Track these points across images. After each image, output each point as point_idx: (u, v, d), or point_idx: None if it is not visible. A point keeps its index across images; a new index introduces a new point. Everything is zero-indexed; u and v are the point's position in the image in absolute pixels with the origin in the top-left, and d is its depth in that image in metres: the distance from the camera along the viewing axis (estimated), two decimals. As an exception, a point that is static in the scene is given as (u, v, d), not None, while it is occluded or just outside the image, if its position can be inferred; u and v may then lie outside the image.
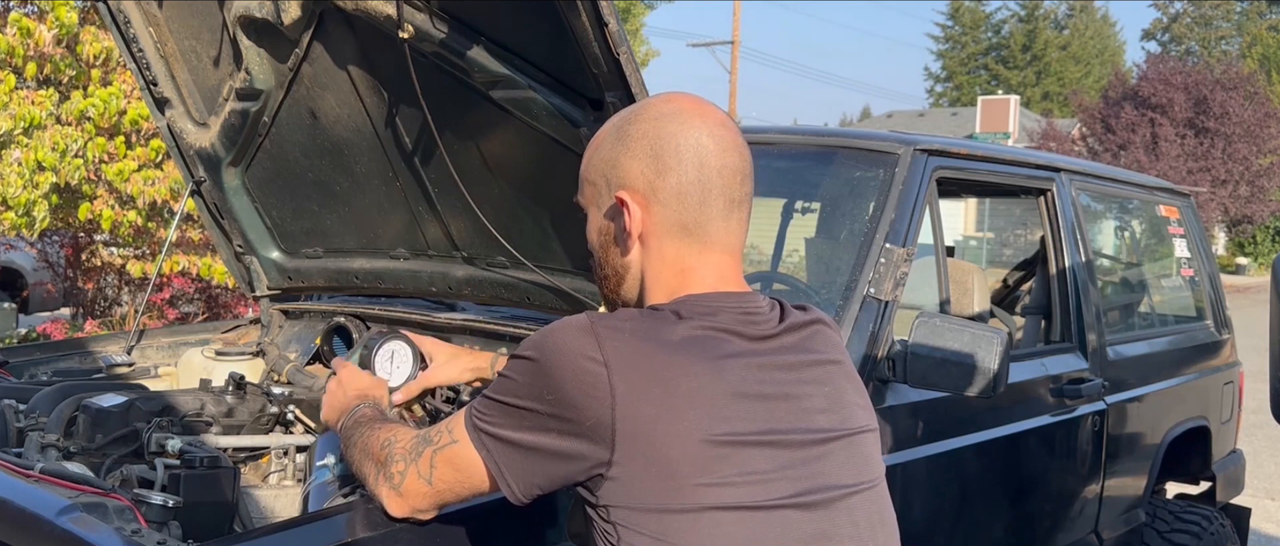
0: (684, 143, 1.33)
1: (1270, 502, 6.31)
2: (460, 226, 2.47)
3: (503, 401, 1.31)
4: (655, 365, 1.25)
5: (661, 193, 1.33)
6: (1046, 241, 3.36)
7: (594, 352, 1.24)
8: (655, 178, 1.33)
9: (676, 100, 1.38)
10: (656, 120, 1.35)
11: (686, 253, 1.36)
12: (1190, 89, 26.39)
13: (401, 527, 1.53)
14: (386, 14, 2.08)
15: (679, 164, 1.33)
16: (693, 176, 1.33)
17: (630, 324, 1.29)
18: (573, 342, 1.26)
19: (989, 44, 53.08)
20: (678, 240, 1.35)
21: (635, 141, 1.35)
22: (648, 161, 1.34)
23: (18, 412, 2.18)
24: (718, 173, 1.34)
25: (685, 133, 1.34)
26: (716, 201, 1.34)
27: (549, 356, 1.26)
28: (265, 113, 2.56)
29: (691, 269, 1.36)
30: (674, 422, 1.23)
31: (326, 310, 2.94)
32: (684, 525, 1.23)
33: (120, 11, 2.59)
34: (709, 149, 1.34)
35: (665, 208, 1.34)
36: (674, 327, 1.29)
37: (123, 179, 5.98)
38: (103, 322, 7.41)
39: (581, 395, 1.24)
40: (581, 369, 1.24)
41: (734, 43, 27.88)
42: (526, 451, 1.29)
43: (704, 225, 1.35)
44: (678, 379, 1.24)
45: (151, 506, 1.62)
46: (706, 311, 1.32)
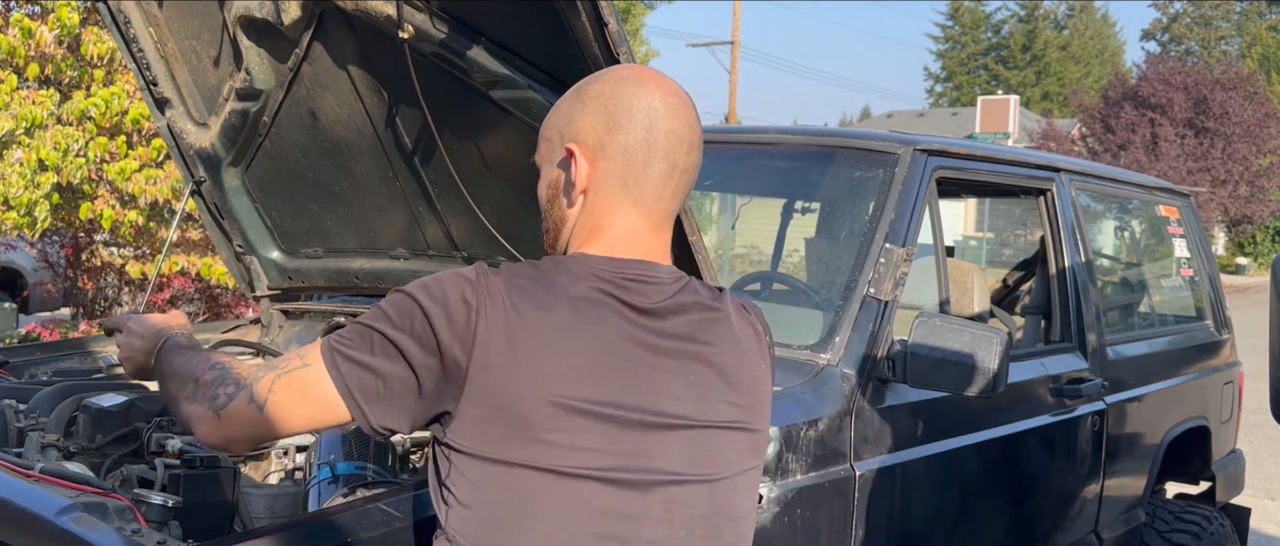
0: (636, 105, 1.37)
1: (1270, 502, 6.31)
2: (460, 226, 2.47)
3: (371, 327, 1.32)
4: (521, 317, 1.29)
5: (609, 148, 1.37)
6: (1046, 241, 3.36)
7: (469, 297, 1.29)
8: (605, 134, 1.37)
9: (637, 69, 1.44)
10: (614, 82, 1.40)
11: (611, 211, 1.39)
12: (1190, 89, 26.39)
13: (402, 527, 1.54)
14: (386, 14, 2.08)
15: (630, 122, 1.37)
16: (640, 136, 1.37)
17: (512, 277, 1.33)
18: (452, 286, 1.30)
19: (989, 44, 53.07)
20: (613, 196, 1.38)
21: (591, 100, 1.39)
22: (600, 118, 1.38)
23: (18, 412, 2.18)
24: (665, 136, 1.37)
25: (639, 95, 1.38)
26: (658, 163, 1.38)
27: (429, 293, 1.30)
28: (265, 113, 2.56)
29: (605, 228, 1.39)
30: (518, 375, 1.27)
31: (326, 310, 2.94)
32: (496, 476, 1.28)
33: (120, 12, 2.59)
34: (660, 113, 1.38)
35: (610, 162, 1.37)
36: (554, 282, 1.34)
37: (124, 178, 5.98)
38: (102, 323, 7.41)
39: (447, 333, 1.27)
40: (454, 309, 1.28)
41: (734, 43, 27.88)
42: (381, 378, 1.30)
43: (643, 185, 1.38)
44: (535, 333, 1.29)
45: (151, 506, 1.62)
46: (594, 273, 1.35)
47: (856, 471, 2.27)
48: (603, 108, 1.38)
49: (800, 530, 2.13)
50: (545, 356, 1.28)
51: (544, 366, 1.28)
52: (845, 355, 2.33)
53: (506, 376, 1.27)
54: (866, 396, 2.34)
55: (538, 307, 1.30)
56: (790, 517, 2.10)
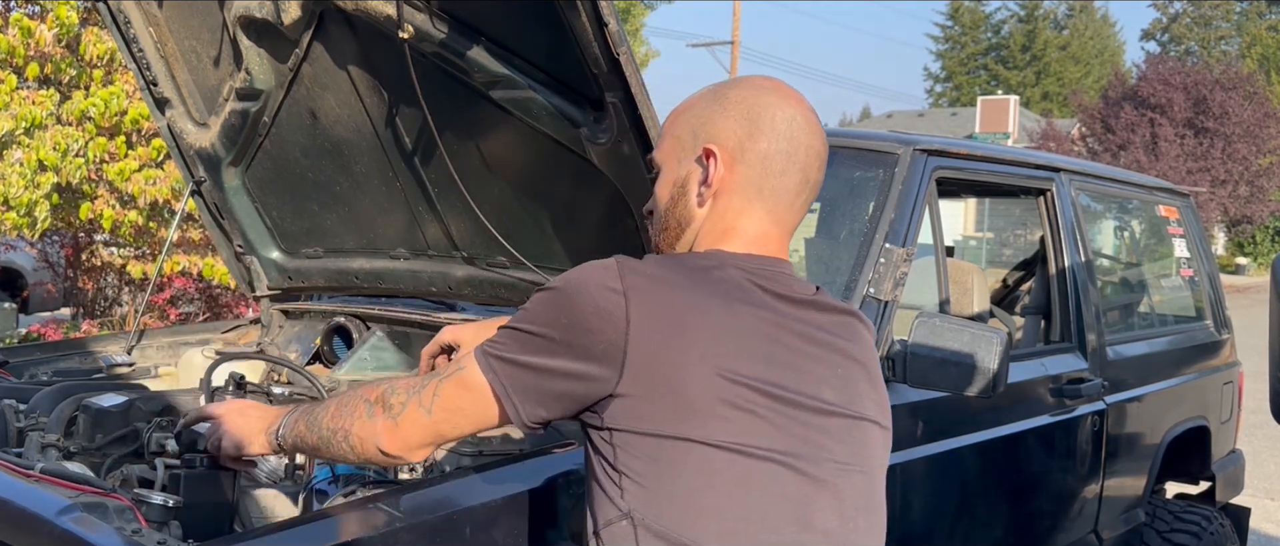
0: (779, 115, 1.40)
1: (1270, 502, 6.31)
2: (460, 226, 2.47)
3: (519, 328, 1.34)
4: (673, 296, 1.30)
5: (749, 154, 1.40)
6: (1046, 241, 3.36)
7: (614, 283, 1.29)
8: (747, 139, 1.40)
9: (775, 81, 1.46)
10: (757, 90, 1.42)
11: (745, 214, 1.41)
12: (1190, 89, 26.38)
13: (402, 527, 1.54)
14: (386, 14, 2.08)
15: (772, 131, 1.40)
16: (784, 146, 1.40)
17: (654, 264, 1.34)
18: (595, 275, 1.31)
19: (989, 44, 53.05)
20: (746, 201, 1.41)
21: (733, 104, 1.41)
22: (743, 123, 1.40)
23: (18, 412, 2.18)
24: (804, 149, 1.41)
25: (783, 106, 1.41)
26: (795, 174, 1.41)
27: (571, 286, 1.31)
28: (265, 113, 2.56)
29: (740, 230, 1.41)
30: (684, 351, 1.27)
31: (326, 310, 2.94)
32: (677, 454, 1.28)
33: (121, 12, 2.59)
34: (800, 125, 1.41)
35: (749, 168, 1.40)
36: (697, 269, 1.35)
37: (124, 178, 5.98)
38: (103, 323, 7.41)
39: (597, 319, 1.28)
40: (600, 296, 1.28)
41: (734, 43, 27.87)
42: (536, 372, 1.32)
43: (778, 193, 1.41)
44: (692, 310, 1.29)
45: (152, 506, 1.62)
46: (736, 265, 1.37)
47: (856, 471, 2.27)
48: (745, 113, 1.40)
49: (800, 530, 2.13)
50: (710, 333, 1.29)
51: (711, 342, 1.28)
52: (845, 355, 2.33)
53: (672, 352, 1.27)
54: (866, 396, 2.33)
55: (691, 289, 1.31)
56: (790, 517, 2.10)
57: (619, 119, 1.92)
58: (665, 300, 1.29)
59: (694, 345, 1.28)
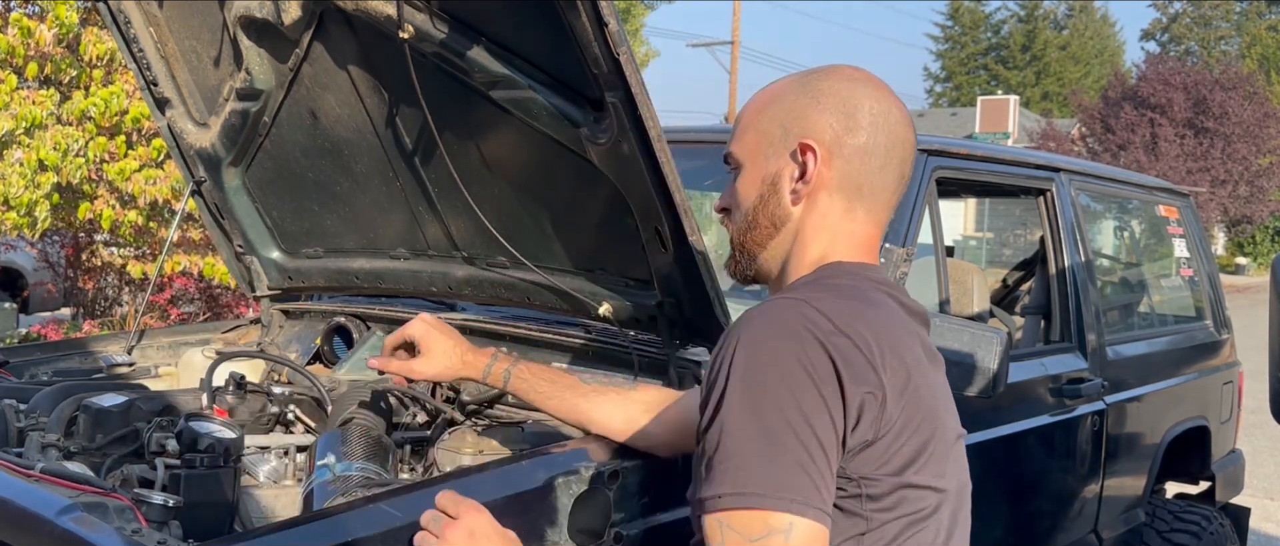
0: (877, 107, 1.32)
1: (1270, 502, 6.31)
2: (460, 226, 2.47)
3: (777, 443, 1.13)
4: (882, 329, 1.22)
5: (847, 148, 1.31)
6: (1046, 241, 3.36)
7: (827, 326, 1.17)
8: (844, 133, 1.31)
9: (865, 72, 1.37)
10: (849, 82, 1.34)
11: (847, 216, 1.34)
12: (1190, 89, 26.39)
13: (402, 527, 1.54)
14: (387, 14, 2.08)
15: (872, 125, 1.31)
16: (882, 141, 1.32)
17: (832, 297, 1.23)
18: (808, 331, 1.17)
19: (988, 44, 53.04)
20: (846, 200, 1.33)
21: (826, 96, 1.32)
22: (838, 117, 1.31)
23: (18, 412, 2.18)
24: (902, 144, 1.33)
25: (878, 99, 1.33)
26: (894, 169, 1.34)
27: (805, 356, 1.16)
28: (265, 113, 2.56)
29: (847, 234, 1.34)
30: (909, 388, 1.21)
31: (327, 310, 2.95)
32: (901, 499, 1.22)
33: (121, 12, 2.59)
34: (898, 120, 1.34)
35: (847, 163, 1.31)
36: (859, 293, 1.27)
37: (124, 178, 5.98)
38: (103, 323, 7.42)
39: (847, 371, 1.16)
40: (837, 345, 1.16)
41: (734, 43, 27.87)
42: (819, 471, 1.15)
43: (877, 190, 1.33)
44: (896, 341, 1.23)
45: (152, 506, 1.62)
46: (868, 276, 1.32)
47: (856, 471, 2.27)
48: (840, 106, 1.31)
49: (800, 530, 2.13)
50: (912, 364, 1.22)
51: (918, 375, 1.22)
52: (845, 355, 2.33)
53: (906, 395, 1.20)
54: (866, 396, 2.33)
55: (882, 321, 1.23)
56: (790, 517, 2.10)
57: (619, 119, 1.92)
58: (880, 331, 1.22)
59: (916, 376, 1.24)
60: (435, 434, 2.24)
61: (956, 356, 2.28)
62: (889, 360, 1.18)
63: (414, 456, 2.21)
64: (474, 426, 2.27)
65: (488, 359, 1.92)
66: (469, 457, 2.07)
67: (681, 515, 1.87)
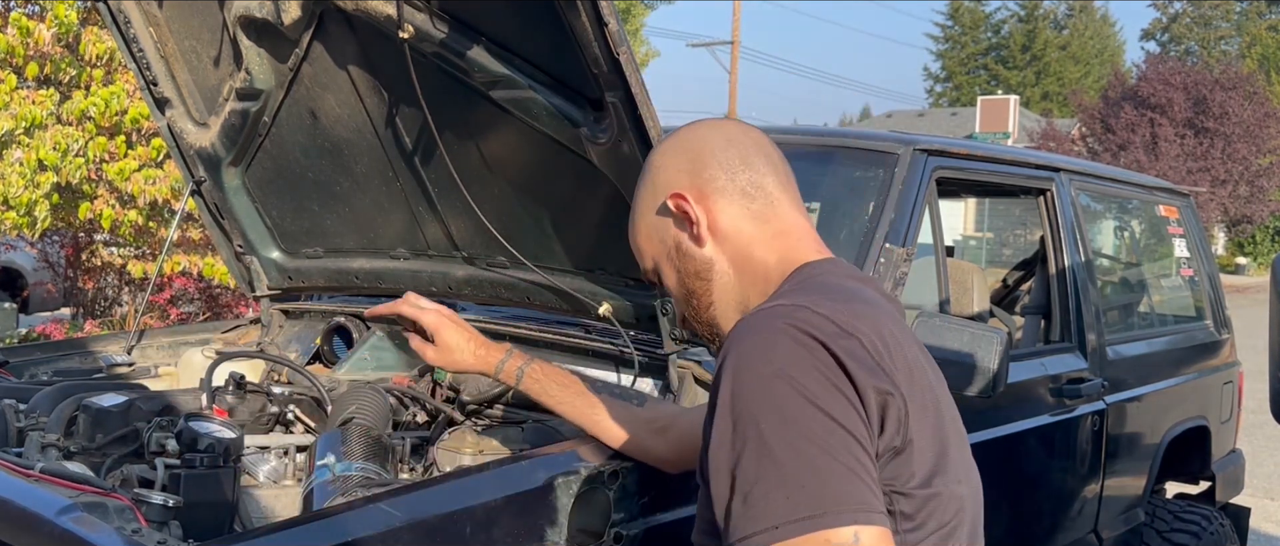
0: (704, 133, 1.36)
1: (1270, 502, 6.31)
2: (460, 226, 2.47)
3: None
4: (889, 328, 1.18)
5: (705, 177, 1.33)
6: (1046, 241, 3.36)
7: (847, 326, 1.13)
8: (696, 170, 1.33)
9: (675, 130, 1.42)
10: (670, 141, 1.38)
11: (761, 217, 1.33)
12: (1190, 89, 26.39)
13: (402, 527, 1.54)
14: (386, 14, 2.08)
15: (710, 148, 1.34)
16: (722, 150, 1.34)
17: (830, 299, 1.18)
18: (814, 340, 1.10)
19: (988, 44, 53.04)
20: (745, 205, 1.33)
21: (655, 166, 1.38)
22: (683, 162, 1.35)
23: (18, 412, 2.18)
24: (742, 138, 1.35)
25: (697, 129, 1.38)
26: (756, 159, 1.35)
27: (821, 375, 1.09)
28: (265, 113, 2.56)
29: (781, 230, 1.33)
30: (927, 385, 1.20)
31: (327, 310, 2.95)
32: (933, 507, 1.16)
33: (120, 11, 2.59)
34: (727, 129, 1.37)
35: (714, 183, 1.33)
36: (847, 290, 1.24)
37: (123, 178, 5.98)
38: (103, 323, 7.42)
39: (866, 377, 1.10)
40: (846, 347, 1.11)
41: (734, 43, 27.87)
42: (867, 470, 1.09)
43: (758, 183, 1.33)
44: (895, 339, 1.18)
45: (152, 506, 1.62)
46: (855, 277, 1.31)
47: (856, 471, 2.27)
48: (679, 155, 1.36)
49: (800, 530, 2.13)
50: (913, 361, 1.18)
51: (919, 373, 1.19)
52: (845, 355, 2.33)
53: (916, 394, 1.16)
54: (866, 396, 2.33)
55: (879, 318, 1.18)
56: (790, 517, 2.10)
57: (619, 119, 1.92)
58: (885, 333, 1.18)
59: (926, 374, 1.23)
60: (435, 433, 2.24)
61: (956, 356, 2.28)
62: (896, 359, 1.14)
63: (414, 456, 2.21)
64: (474, 426, 2.27)
65: (501, 355, 1.91)
66: (469, 457, 2.07)
67: (681, 515, 1.87)
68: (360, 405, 2.19)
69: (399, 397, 2.40)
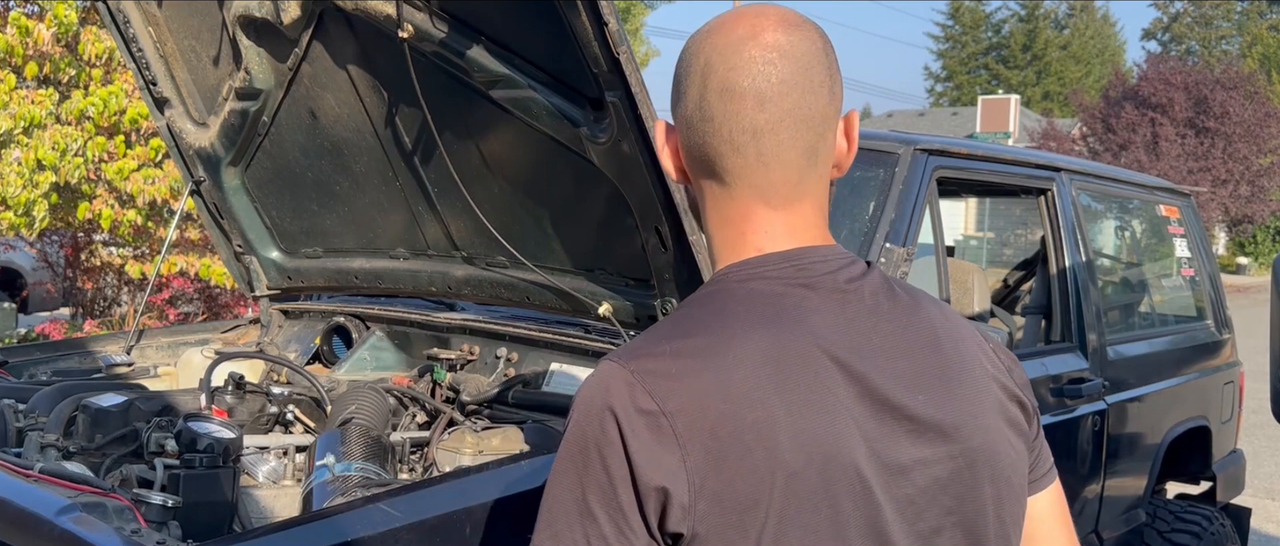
0: (710, 56, 1.04)
1: (1270, 502, 6.31)
2: (460, 226, 2.47)
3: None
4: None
5: (678, 119, 1.08)
6: (1047, 241, 3.36)
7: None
8: (675, 102, 1.09)
9: (734, 13, 1.08)
10: (695, 37, 1.08)
11: (719, 197, 1.07)
12: (1190, 89, 26.37)
13: (402, 527, 1.53)
14: (386, 14, 2.08)
15: (701, 80, 1.05)
16: (714, 94, 1.03)
17: (656, 342, 1.02)
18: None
19: (989, 43, 53.03)
20: (707, 178, 1.08)
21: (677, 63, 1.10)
22: (673, 83, 1.09)
23: (17, 412, 2.18)
24: (719, 95, 1.03)
25: (714, 43, 1.05)
26: (724, 129, 1.03)
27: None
28: (265, 112, 2.56)
29: (723, 221, 1.08)
30: (716, 459, 1.00)
31: (326, 310, 2.94)
32: None
33: (120, 11, 2.59)
34: (714, 66, 1.03)
35: (682, 136, 1.08)
36: (714, 325, 1.02)
37: (122, 178, 5.98)
38: (102, 322, 7.42)
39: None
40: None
41: (734, 42, 27.82)
42: None
43: (725, 156, 1.04)
44: (727, 406, 1.00)
45: (151, 506, 1.62)
46: (762, 293, 1.03)
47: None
48: (677, 70, 1.08)
49: (800, 530, 2.13)
50: (760, 426, 1.01)
51: (768, 438, 1.01)
52: (845, 355, 2.33)
53: (736, 471, 1.00)
54: (867, 396, 2.33)
55: (716, 374, 1.01)
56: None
57: (619, 118, 1.92)
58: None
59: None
60: (435, 434, 2.24)
61: (957, 356, 2.27)
62: (703, 436, 0.93)
63: (413, 456, 2.21)
64: (474, 426, 2.27)
65: None
66: (469, 457, 2.07)
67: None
68: (360, 405, 2.19)
69: (399, 398, 2.40)
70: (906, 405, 1.01)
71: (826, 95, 1.06)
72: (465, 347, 2.54)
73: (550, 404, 2.33)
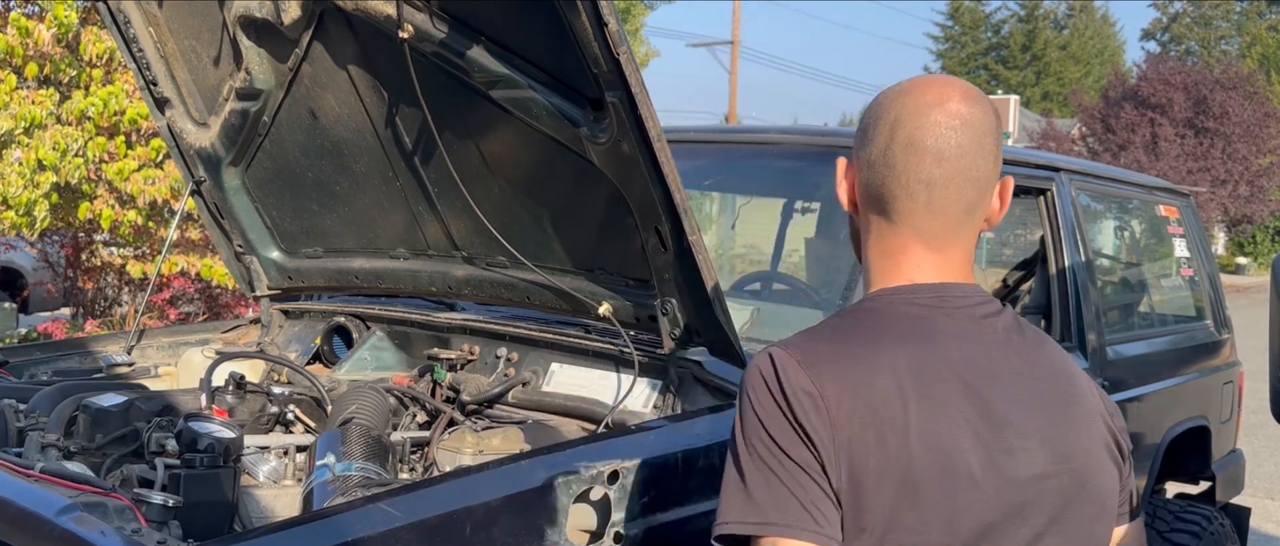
0: (900, 113, 1.24)
1: (1270, 502, 6.31)
2: (460, 226, 2.47)
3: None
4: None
5: (860, 160, 1.28)
6: (1046, 241, 3.36)
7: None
8: (860, 145, 1.28)
9: (926, 79, 1.29)
10: (887, 94, 1.28)
11: (880, 232, 1.28)
12: (1190, 89, 26.37)
13: (402, 527, 1.54)
14: (386, 14, 2.08)
15: (888, 131, 1.24)
16: (899, 145, 1.23)
17: (811, 339, 1.25)
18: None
19: (989, 44, 53.03)
20: (877, 214, 1.27)
21: (865, 114, 1.31)
22: (860, 130, 1.30)
23: (18, 412, 2.18)
24: (903, 147, 1.23)
25: (906, 104, 1.24)
26: (898, 177, 1.23)
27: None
28: (265, 112, 2.56)
29: (882, 253, 1.28)
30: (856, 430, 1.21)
31: (326, 310, 2.95)
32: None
33: (120, 11, 2.60)
34: (932, 122, 1.22)
35: (862, 174, 1.28)
36: (860, 330, 1.24)
37: (123, 178, 5.98)
38: (103, 322, 7.42)
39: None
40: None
41: (734, 43, 27.88)
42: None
43: (896, 198, 1.24)
44: (861, 388, 1.21)
45: (151, 506, 1.62)
46: (904, 314, 1.24)
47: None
48: (864, 119, 1.30)
49: (800, 530, 2.13)
50: (883, 407, 1.22)
51: (900, 417, 1.23)
52: (845, 355, 2.33)
53: (871, 443, 1.22)
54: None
55: (854, 364, 1.23)
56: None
57: (619, 118, 1.92)
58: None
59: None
60: (435, 433, 2.24)
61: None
62: (844, 409, 1.14)
63: (414, 455, 2.21)
64: (474, 426, 2.27)
65: None
66: (469, 457, 2.07)
67: (681, 515, 1.87)
68: (360, 405, 2.19)
69: (399, 397, 2.40)
70: (1024, 426, 1.20)
71: (992, 162, 1.25)
72: (465, 347, 2.55)
73: (550, 404, 2.33)
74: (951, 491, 1.14)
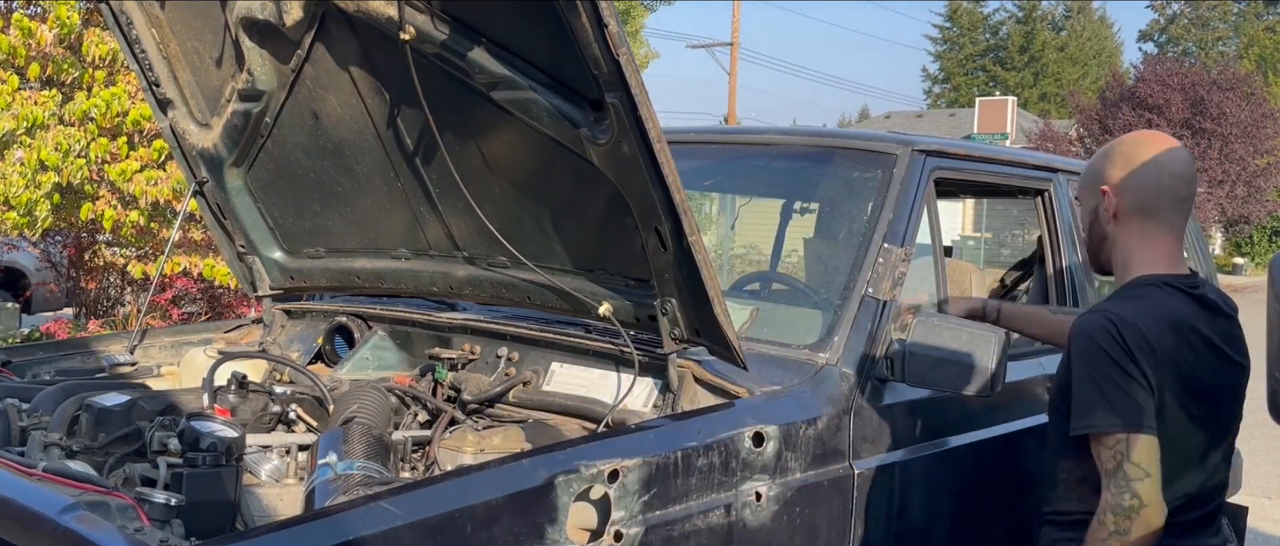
0: (1149, 152, 1.98)
1: (1268, 502, 6.32)
2: (461, 226, 2.48)
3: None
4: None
5: (1127, 184, 1.97)
6: (1044, 241, 3.37)
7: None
8: (1127, 175, 1.97)
9: (1146, 132, 2.06)
10: (1131, 142, 2.01)
11: (1143, 231, 1.99)
12: (1187, 90, 26.39)
13: (403, 526, 1.55)
14: (388, 15, 2.09)
15: (1145, 167, 1.96)
16: (1152, 175, 1.96)
17: (1121, 306, 1.92)
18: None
19: (986, 45, 53.04)
20: (1141, 220, 1.98)
21: (1114, 156, 2.00)
22: (1120, 165, 1.99)
23: (21, 412, 2.19)
24: (1169, 176, 1.97)
25: (1152, 148, 1.98)
26: (1166, 195, 1.97)
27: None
28: (267, 113, 2.57)
29: (1144, 245, 1.99)
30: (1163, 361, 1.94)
31: (328, 310, 2.95)
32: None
33: (123, 13, 2.60)
34: (1171, 158, 1.98)
35: (1128, 194, 1.97)
36: (1148, 298, 1.94)
37: (125, 179, 5.99)
38: (106, 322, 7.42)
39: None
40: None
41: (733, 44, 27.88)
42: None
43: (1158, 210, 1.97)
44: (1164, 335, 1.92)
45: (154, 505, 1.63)
46: (1170, 286, 1.97)
47: (855, 469, 2.28)
48: (1121, 158, 1.99)
49: (799, 528, 2.14)
50: (1176, 349, 1.97)
51: (1176, 357, 1.98)
52: (844, 354, 2.34)
53: (1166, 368, 1.96)
54: (865, 395, 2.35)
55: (1154, 320, 1.92)
56: (789, 515, 2.11)
57: (619, 119, 1.93)
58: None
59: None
60: (437, 432, 2.25)
61: (954, 355, 2.29)
62: (1157, 348, 1.85)
63: (415, 454, 2.22)
64: (475, 425, 2.28)
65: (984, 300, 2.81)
66: (470, 456, 2.08)
67: (681, 514, 1.88)
68: (362, 404, 2.20)
69: (400, 397, 2.41)
70: (1225, 351, 2.02)
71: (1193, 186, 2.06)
72: (466, 347, 2.56)
73: (550, 403, 2.34)
74: (1193, 388, 1.93)
